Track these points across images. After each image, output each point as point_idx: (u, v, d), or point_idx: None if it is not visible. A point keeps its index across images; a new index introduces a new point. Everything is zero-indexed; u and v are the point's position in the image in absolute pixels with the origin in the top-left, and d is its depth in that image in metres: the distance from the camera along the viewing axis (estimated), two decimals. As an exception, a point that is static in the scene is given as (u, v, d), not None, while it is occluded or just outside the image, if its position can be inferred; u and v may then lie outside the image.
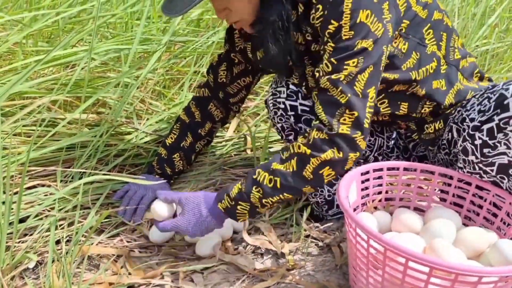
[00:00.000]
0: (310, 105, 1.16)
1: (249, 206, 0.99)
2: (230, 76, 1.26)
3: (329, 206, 1.27)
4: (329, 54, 0.93)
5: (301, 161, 0.94)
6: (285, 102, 1.16)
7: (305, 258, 1.16)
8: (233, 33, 1.21)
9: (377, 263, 0.90)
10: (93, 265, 1.11)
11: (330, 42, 0.93)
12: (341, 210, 1.04)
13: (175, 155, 1.29)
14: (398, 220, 1.02)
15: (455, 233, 0.97)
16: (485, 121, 0.95)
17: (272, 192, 0.97)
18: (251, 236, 1.22)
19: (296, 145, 0.96)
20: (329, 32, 0.92)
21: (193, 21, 1.91)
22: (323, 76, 0.94)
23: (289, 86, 1.16)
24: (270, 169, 0.97)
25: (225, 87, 1.28)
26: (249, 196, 0.98)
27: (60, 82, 1.36)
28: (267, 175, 0.97)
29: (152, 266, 1.11)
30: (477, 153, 0.97)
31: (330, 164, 0.94)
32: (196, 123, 1.30)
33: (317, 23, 0.95)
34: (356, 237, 0.92)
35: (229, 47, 1.24)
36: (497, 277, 0.82)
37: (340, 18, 0.90)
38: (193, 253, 1.16)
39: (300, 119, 1.17)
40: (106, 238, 1.17)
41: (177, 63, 1.76)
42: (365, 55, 0.91)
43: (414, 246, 0.92)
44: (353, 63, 0.91)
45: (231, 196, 1.00)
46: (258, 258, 1.16)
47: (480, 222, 1.05)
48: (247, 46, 1.20)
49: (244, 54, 1.22)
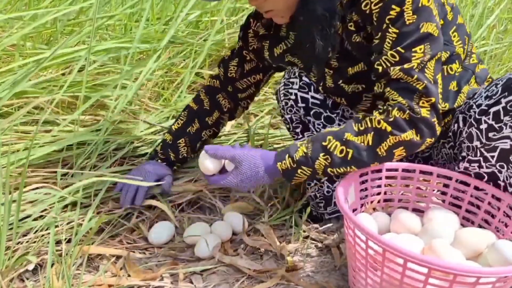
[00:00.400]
0: (321, 98, 1.15)
1: (311, 172, 0.96)
2: (240, 72, 1.26)
3: (326, 203, 1.26)
4: (392, 41, 0.91)
5: (378, 137, 0.92)
6: (297, 94, 1.15)
7: (304, 259, 1.17)
8: (248, 32, 1.21)
9: (376, 264, 0.90)
10: (92, 266, 1.11)
11: (392, 28, 0.91)
12: (339, 209, 1.04)
13: (180, 141, 1.28)
14: (397, 221, 1.02)
15: (453, 234, 0.97)
16: (492, 104, 0.95)
17: (341, 163, 0.94)
18: (250, 238, 1.22)
19: (374, 120, 0.93)
20: (390, 18, 0.90)
21: (192, 23, 1.91)
22: (391, 66, 0.92)
23: (302, 78, 1.15)
24: (343, 139, 0.93)
25: (234, 82, 1.27)
26: (314, 162, 0.95)
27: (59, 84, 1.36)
28: (338, 144, 0.93)
29: (151, 267, 1.11)
30: (482, 137, 0.97)
31: (407, 145, 0.92)
32: (204, 110, 1.30)
33: (375, 9, 0.92)
34: (355, 238, 0.92)
35: (242, 44, 1.24)
36: (495, 278, 0.82)
37: (402, 2, 0.89)
38: (192, 254, 1.16)
39: (310, 112, 1.15)
40: (106, 238, 1.17)
41: (176, 65, 1.77)
42: (431, 41, 0.91)
43: (412, 247, 0.92)
44: (420, 50, 0.90)
45: (294, 158, 0.96)
46: (257, 259, 1.16)
47: (478, 223, 1.06)
48: (265, 45, 1.19)
49: (257, 53, 1.22)
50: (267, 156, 0.99)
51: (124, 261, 1.12)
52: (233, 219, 1.25)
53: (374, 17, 0.93)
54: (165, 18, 1.85)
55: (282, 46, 1.15)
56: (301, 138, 1.19)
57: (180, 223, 1.26)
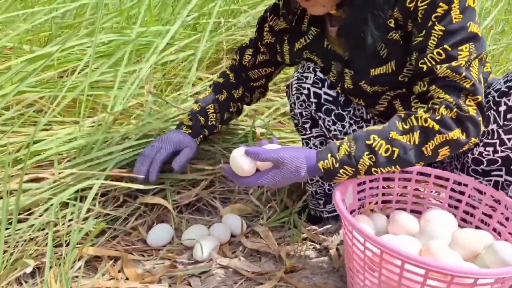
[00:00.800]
0: (334, 95, 1.13)
1: (353, 171, 0.94)
2: (253, 62, 1.27)
3: (326, 200, 1.25)
4: (438, 39, 0.90)
5: (425, 136, 0.90)
6: (310, 88, 1.12)
7: (302, 261, 1.17)
8: (264, 26, 1.21)
9: (374, 266, 0.90)
10: (90, 269, 1.11)
11: (438, 25, 0.90)
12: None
13: (209, 106, 1.26)
14: (395, 222, 1.02)
15: (451, 235, 0.97)
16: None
17: (386, 162, 0.92)
18: (249, 240, 1.22)
19: (421, 118, 0.91)
20: (436, 16, 0.90)
21: (190, 25, 1.91)
22: (437, 64, 0.90)
23: (317, 73, 1.13)
24: (388, 138, 0.91)
25: (247, 70, 1.29)
26: (357, 162, 0.92)
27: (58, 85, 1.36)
28: (384, 143, 0.91)
29: (149, 270, 1.11)
30: (500, 119, 0.97)
31: (453, 144, 0.90)
32: (231, 83, 1.31)
33: (421, 6, 0.91)
34: (353, 239, 0.92)
35: (257, 36, 1.24)
36: (493, 279, 0.82)
37: (450, 1, 0.89)
38: (190, 256, 1.16)
39: (321, 108, 1.13)
40: (104, 240, 1.17)
41: (174, 67, 1.77)
42: (476, 41, 0.90)
43: (410, 248, 0.92)
44: (466, 49, 0.90)
45: (337, 157, 0.93)
46: (255, 262, 1.16)
47: (475, 224, 1.06)
48: (285, 38, 1.17)
49: (270, 48, 1.22)
50: (310, 156, 0.96)
51: (122, 263, 1.12)
52: (231, 221, 1.25)
53: (420, 14, 0.91)
54: (163, 20, 1.85)
55: (302, 42, 1.14)
56: (309, 134, 1.18)
57: (179, 225, 1.26)
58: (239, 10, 2.09)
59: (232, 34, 1.94)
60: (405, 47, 0.98)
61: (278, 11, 1.17)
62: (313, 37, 1.11)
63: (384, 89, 1.07)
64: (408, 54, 0.99)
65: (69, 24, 1.71)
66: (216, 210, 1.33)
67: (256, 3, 2.14)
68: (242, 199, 1.36)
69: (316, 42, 1.11)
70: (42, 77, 1.43)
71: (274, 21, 1.18)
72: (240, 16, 2.02)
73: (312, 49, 1.13)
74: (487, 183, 1.07)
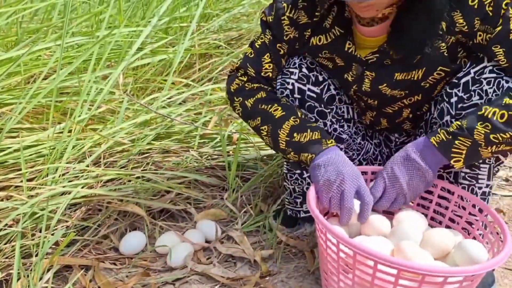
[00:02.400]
0: (318, 92, 1.10)
1: (471, 142, 0.92)
2: (278, 69, 1.12)
3: (303, 200, 1.24)
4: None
5: None
6: (294, 84, 1.09)
7: (278, 265, 1.17)
8: (282, 19, 1.06)
9: (348, 267, 0.91)
10: (60, 279, 1.08)
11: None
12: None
13: (312, 123, 1.06)
14: (367, 223, 1.03)
15: (421, 235, 0.99)
16: (461, 76, 0.99)
17: (504, 127, 0.90)
18: (224, 245, 1.21)
19: None
20: (507, 3, 0.91)
21: (161, 29, 1.90)
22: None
23: (302, 69, 1.10)
24: (501, 104, 0.91)
25: (271, 81, 1.13)
26: (472, 133, 0.91)
27: (24, 92, 1.32)
28: (497, 110, 0.90)
29: (122, 279, 1.09)
30: (452, 110, 0.99)
31: None
32: (279, 97, 1.11)
33: (486, 1, 0.92)
34: (327, 241, 0.92)
35: (275, 34, 1.08)
36: (462, 277, 0.84)
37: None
38: (164, 264, 1.14)
39: (305, 104, 1.11)
40: (75, 249, 1.14)
41: (145, 72, 1.75)
42: None
43: (382, 249, 0.93)
44: None
45: (448, 130, 0.93)
46: (231, 267, 1.16)
47: (445, 223, 1.08)
48: (306, 34, 1.06)
49: (291, 43, 1.08)
50: (417, 145, 0.97)
51: (93, 272, 1.09)
52: (206, 227, 1.24)
53: (488, 7, 0.92)
54: (134, 24, 1.83)
55: (322, 39, 1.06)
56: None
57: (152, 232, 1.24)
58: (211, 14, 2.09)
59: (204, 38, 1.94)
60: (444, 56, 0.99)
61: (296, 3, 1.06)
62: (336, 37, 1.05)
63: (403, 93, 1.08)
64: (442, 63, 0.99)
65: (36, 28, 1.67)
66: (190, 216, 1.32)
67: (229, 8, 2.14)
68: (217, 204, 1.35)
69: (338, 43, 1.05)
70: (8, 82, 1.39)
71: (294, 13, 1.05)
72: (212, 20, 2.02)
73: (333, 49, 1.07)
74: (448, 174, 1.09)
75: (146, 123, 1.50)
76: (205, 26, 2.00)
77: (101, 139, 1.35)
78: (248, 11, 2.24)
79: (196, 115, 1.63)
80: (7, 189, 1.19)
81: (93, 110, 1.39)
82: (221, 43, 1.94)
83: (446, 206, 1.07)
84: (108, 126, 1.43)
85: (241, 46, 2.05)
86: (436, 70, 1.01)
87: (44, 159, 1.26)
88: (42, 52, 1.54)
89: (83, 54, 1.41)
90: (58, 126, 1.35)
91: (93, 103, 1.43)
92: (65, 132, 1.30)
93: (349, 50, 1.06)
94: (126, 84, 1.63)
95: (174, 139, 1.51)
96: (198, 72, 1.84)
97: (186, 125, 1.52)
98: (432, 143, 0.95)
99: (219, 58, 1.91)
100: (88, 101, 1.40)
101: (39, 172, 1.25)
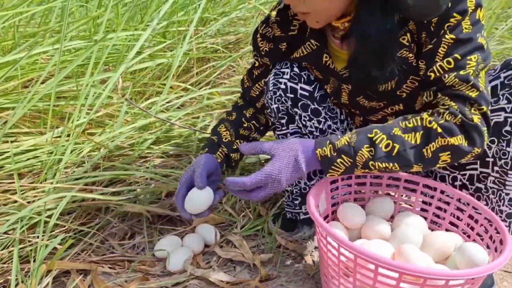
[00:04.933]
0: (310, 90, 1.12)
1: (351, 163, 0.92)
2: (252, 78, 1.22)
3: (302, 200, 1.24)
4: (448, 46, 0.91)
5: (427, 137, 0.90)
6: (287, 83, 1.11)
7: (277, 268, 1.16)
8: (256, 37, 1.16)
9: (348, 271, 0.90)
10: (59, 284, 1.07)
11: (449, 34, 0.91)
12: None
13: (220, 126, 1.20)
14: (367, 227, 1.03)
15: (422, 238, 0.99)
16: (490, 80, 0.99)
17: (384, 158, 0.91)
18: (223, 249, 1.21)
19: (425, 120, 0.91)
20: (449, 25, 0.91)
21: (159, 33, 1.89)
22: (445, 73, 0.91)
23: (294, 68, 1.12)
24: (390, 133, 0.91)
25: (249, 91, 1.23)
26: (356, 153, 0.91)
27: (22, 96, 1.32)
28: (385, 138, 0.91)
29: (121, 283, 1.08)
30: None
31: (454, 150, 0.90)
32: (240, 106, 1.25)
33: (435, 18, 0.91)
34: (327, 245, 0.92)
35: (256, 52, 1.19)
36: (463, 280, 0.84)
37: (464, 12, 0.89)
38: (163, 268, 1.14)
39: (298, 103, 1.13)
40: (74, 253, 1.13)
41: (143, 76, 1.74)
42: (481, 53, 0.91)
43: (383, 252, 0.93)
44: (475, 59, 0.90)
45: (335, 146, 0.93)
46: (230, 271, 1.15)
47: (445, 226, 1.08)
48: (281, 47, 1.13)
49: (271, 55, 1.16)
50: (305, 143, 0.95)
51: (92, 277, 1.08)
52: (205, 231, 1.23)
53: (433, 24, 0.92)
54: (132, 28, 1.82)
55: (300, 52, 1.11)
56: (285, 130, 1.16)
57: (150, 237, 1.23)
58: (209, 18, 2.09)
59: (202, 42, 1.94)
60: (413, 66, 0.99)
61: (268, 19, 1.14)
62: (312, 50, 1.09)
63: (381, 104, 1.09)
64: (412, 73, 0.99)
65: (33, 32, 1.66)
66: (189, 220, 1.31)
67: (226, 12, 2.14)
68: (216, 209, 1.35)
69: (314, 56, 1.09)
70: (5, 86, 1.38)
71: (264, 29, 1.14)
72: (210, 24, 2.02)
73: (310, 61, 1.12)
74: (462, 177, 1.09)
75: (145, 127, 1.49)
76: (203, 30, 2.00)
77: (100, 142, 1.34)
78: (246, 15, 2.24)
79: (194, 119, 1.63)
80: (4, 193, 1.18)
81: (91, 114, 1.38)
82: (219, 47, 1.94)
83: (446, 209, 1.07)
84: (107, 130, 1.42)
85: (239, 50, 2.05)
86: (408, 79, 1.01)
87: (42, 164, 1.26)
88: (40, 56, 1.53)
89: (79, 57, 1.41)
90: (56, 131, 1.34)
91: (92, 107, 1.43)
92: (63, 136, 1.30)
93: (327, 63, 1.08)
94: (124, 88, 1.62)
95: (173, 143, 1.51)
96: (196, 76, 1.84)
97: (185, 129, 1.52)
98: (316, 156, 0.94)
99: (217, 62, 1.91)
100: (86, 105, 1.39)
101: (37, 177, 1.24)
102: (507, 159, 1.01)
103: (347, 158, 0.92)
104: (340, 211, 1.06)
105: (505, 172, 1.02)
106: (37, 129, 1.39)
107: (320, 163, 0.94)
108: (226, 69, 1.93)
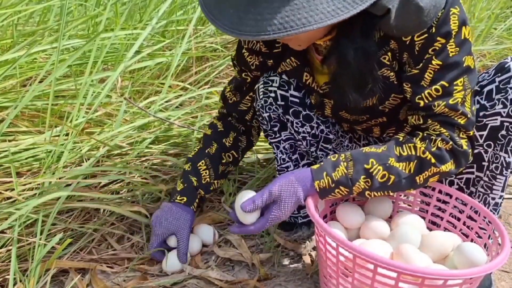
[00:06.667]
0: (300, 96, 1.13)
1: (348, 192, 0.95)
2: (239, 92, 1.22)
3: (300, 205, 1.25)
4: (434, 72, 0.91)
5: (420, 167, 0.94)
6: (277, 91, 1.11)
7: (276, 268, 1.16)
8: (242, 53, 1.15)
9: (347, 270, 0.90)
10: (57, 284, 1.07)
11: (435, 60, 0.90)
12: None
13: (200, 163, 1.20)
14: (366, 227, 1.03)
15: (420, 238, 0.99)
16: (485, 85, 0.99)
17: (380, 187, 0.94)
18: (222, 249, 1.21)
19: (419, 149, 0.94)
20: (434, 49, 0.90)
21: (158, 32, 1.89)
22: (434, 101, 0.92)
23: (282, 76, 1.13)
24: (386, 164, 0.93)
25: (236, 106, 1.23)
26: (353, 184, 0.94)
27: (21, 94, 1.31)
28: (381, 169, 0.93)
29: (119, 283, 1.08)
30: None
31: (443, 174, 0.95)
32: (220, 132, 1.24)
33: (418, 40, 0.90)
34: (326, 245, 0.92)
35: (241, 68, 1.18)
36: (461, 279, 0.84)
37: (448, 35, 0.88)
38: (162, 268, 1.13)
39: (289, 110, 1.13)
40: (72, 252, 1.13)
41: (142, 75, 1.74)
42: (470, 74, 0.92)
43: (382, 252, 0.94)
44: (461, 83, 0.91)
45: (333, 178, 0.94)
46: (229, 271, 1.15)
47: (444, 226, 1.08)
48: (268, 61, 1.13)
49: (262, 67, 1.15)
50: (302, 177, 0.96)
51: (90, 276, 1.08)
52: (203, 231, 1.23)
53: (417, 47, 0.91)
54: (131, 27, 1.82)
55: (282, 67, 1.11)
56: (278, 137, 1.17)
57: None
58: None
59: (201, 41, 1.94)
60: (394, 84, 0.99)
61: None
62: (292, 68, 1.09)
63: (364, 117, 1.10)
64: (393, 90, 0.99)
65: (32, 31, 1.66)
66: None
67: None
68: (214, 208, 1.35)
69: (295, 73, 1.10)
70: (3, 85, 1.37)
71: (249, 43, 1.13)
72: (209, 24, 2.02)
73: (293, 77, 1.12)
74: (459, 180, 1.10)
75: (144, 126, 1.49)
76: (202, 30, 2.00)
77: (99, 142, 1.34)
78: (245, 15, 2.24)
79: (193, 118, 1.62)
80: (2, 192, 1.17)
81: (90, 114, 1.38)
82: (217, 46, 1.94)
83: (444, 209, 1.08)
84: (106, 130, 1.42)
85: (238, 50, 2.04)
86: (390, 96, 1.02)
87: (40, 163, 1.25)
88: (38, 55, 1.53)
89: (75, 53, 1.40)
90: (55, 130, 1.34)
91: (91, 106, 1.43)
92: (61, 135, 1.30)
93: (307, 81, 1.09)
94: (123, 88, 1.62)
95: (172, 143, 1.51)
96: (194, 76, 1.83)
97: (184, 128, 1.52)
98: (314, 187, 0.96)
99: (216, 61, 1.91)
100: (85, 104, 1.39)
101: (36, 175, 1.24)
102: (498, 163, 1.02)
103: (345, 189, 0.95)
104: (339, 211, 1.06)
105: (494, 176, 1.04)
106: (36, 128, 1.38)
107: (319, 193, 0.97)
108: (225, 69, 1.92)
